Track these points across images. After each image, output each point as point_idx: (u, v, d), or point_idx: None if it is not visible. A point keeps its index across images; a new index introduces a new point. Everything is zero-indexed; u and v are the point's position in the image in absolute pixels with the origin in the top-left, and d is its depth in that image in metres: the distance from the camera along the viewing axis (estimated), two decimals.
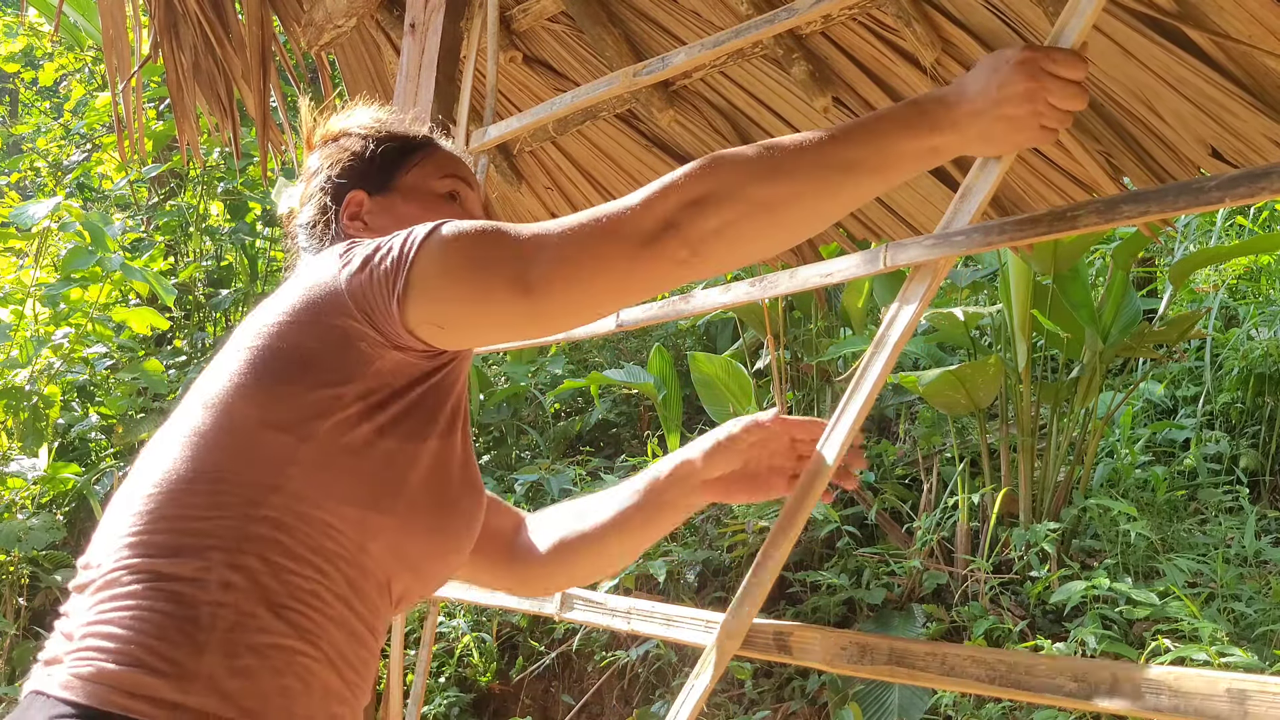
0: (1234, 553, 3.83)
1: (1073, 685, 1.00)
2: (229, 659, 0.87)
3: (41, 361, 5.49)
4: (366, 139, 1.28)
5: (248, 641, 0.89)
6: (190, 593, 0.88)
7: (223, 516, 0.91)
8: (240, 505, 0.91)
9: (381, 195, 1.25)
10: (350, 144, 1.29)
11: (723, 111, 2.53)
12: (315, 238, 1.26)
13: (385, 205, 1.24)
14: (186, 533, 0.91)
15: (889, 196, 2.47)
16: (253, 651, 0.89)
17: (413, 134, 1.31)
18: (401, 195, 1.25)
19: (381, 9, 2.63)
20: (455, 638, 4.42)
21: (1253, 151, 1.93)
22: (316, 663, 0.93)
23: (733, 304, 1.54)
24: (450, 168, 1.29)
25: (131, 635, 0.87)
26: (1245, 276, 5.20)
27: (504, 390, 6.45)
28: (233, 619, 0.89)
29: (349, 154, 1.28)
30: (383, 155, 1.27)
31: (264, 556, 0.91)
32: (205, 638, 0.87)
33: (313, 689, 0.93)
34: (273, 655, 0.90)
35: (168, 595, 0.88)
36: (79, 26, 7.42)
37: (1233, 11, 1.68)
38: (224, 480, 0.92)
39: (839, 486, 1.24)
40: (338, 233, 1.24)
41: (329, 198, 1.26)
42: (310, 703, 0.93)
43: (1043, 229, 1.15)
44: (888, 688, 3.55)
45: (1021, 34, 1.96)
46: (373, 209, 1.25)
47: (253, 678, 0.88)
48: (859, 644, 1.19)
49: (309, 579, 0.93)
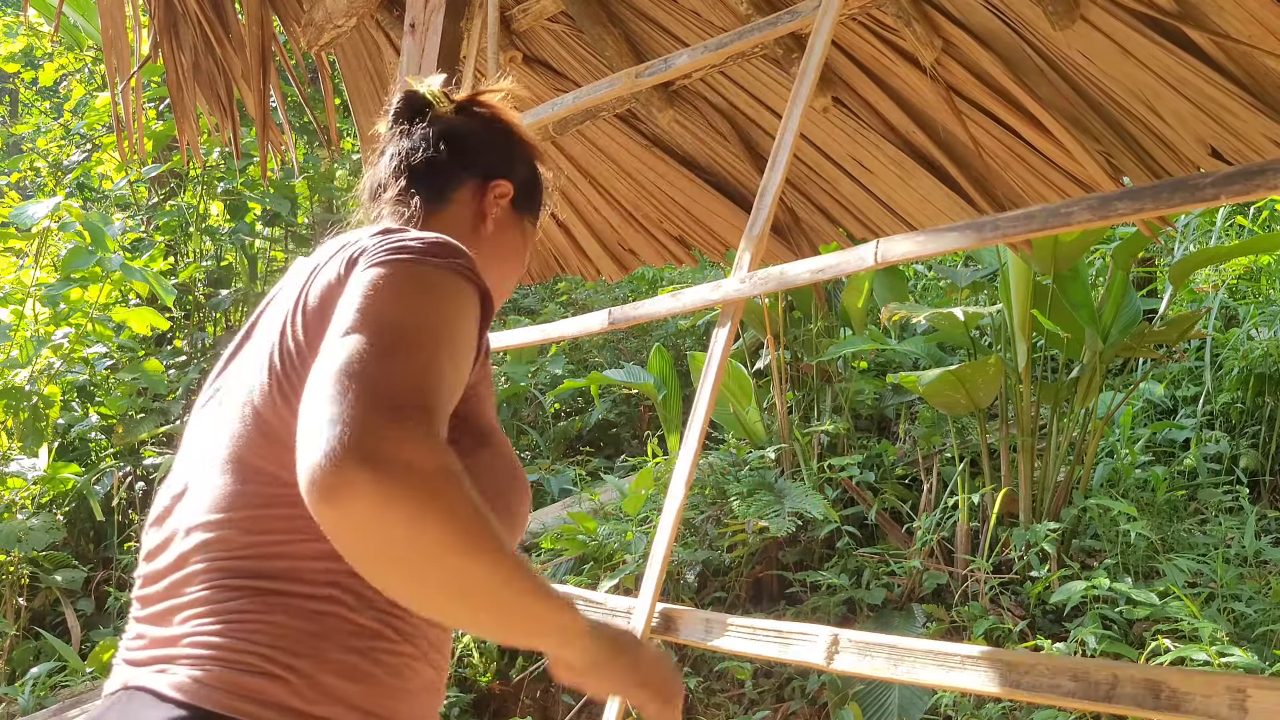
0: (1234, 553, 3.83)
1: (1073, 685, 1.00)
2: (345, 665, 0.89)
3: (41, 361, 5.49)
4: (545, 168, 1.34)
5: (360, 646, 0.91)
6: (299, 604, 0.90)
7: (308, 539, 0.91)
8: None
9: (521, 212, 1.31)
10: (537, 150, 1.34)
11: (722, 111, 2.53)
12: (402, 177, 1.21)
13: (510, 222, 1.29)
14: (279, 549, 0.92)
15: (888, 195, 2.48)
16: (364, 656, 0.91)
17: (544, 200, 1.36)
18: (522, 229, 1.30)
19: (381, 9, 2.63)
20: (454, 638, 4.42)
21: (1252, 151, 1.93)
22: (417, 661, 0.96)
23: (723, 300, 1.54)
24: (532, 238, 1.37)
25: (247, 644, 0.88)
26: (1245, 276, 5.20)
27: (504, 390, 6.45)
28: (344, 627, 0.91)
29: (522, 153, 1.32)
30: (536, 186, 1.33)
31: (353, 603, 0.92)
32: (322, 645, 0.89)
33: (416, 687, 0.96)
34: (383, 659, 0.92)
35: (279, 607, 0.90)
36: (79, 26, 7.43)
37: (1233, 11, 1.68)
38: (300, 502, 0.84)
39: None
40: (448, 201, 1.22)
41: (486, 163, 1.27)
42: (416, 700, 0.95)
43: (1037, 225, 1.15)
44: (888, 688, 3.55)
45: (1021, 34, 1.96)
46: (505, 215, 1.28)
47: (368, 682, 0.91)
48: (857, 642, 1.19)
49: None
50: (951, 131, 2.23)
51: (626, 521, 4.50)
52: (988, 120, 2.18)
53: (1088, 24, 1.86)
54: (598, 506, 4.80)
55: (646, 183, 2.84)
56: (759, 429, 5.03)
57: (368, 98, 3.04)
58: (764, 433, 5.01)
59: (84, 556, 5.58)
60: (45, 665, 4.58)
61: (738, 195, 2.73)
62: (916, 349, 4.97)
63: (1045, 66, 2.01)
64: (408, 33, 2.32)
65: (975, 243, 1.20)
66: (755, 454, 4.64)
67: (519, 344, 2.03)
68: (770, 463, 4.64)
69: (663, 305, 1.60)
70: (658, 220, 2.93)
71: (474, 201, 1.26)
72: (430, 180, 1.23)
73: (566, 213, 3.04)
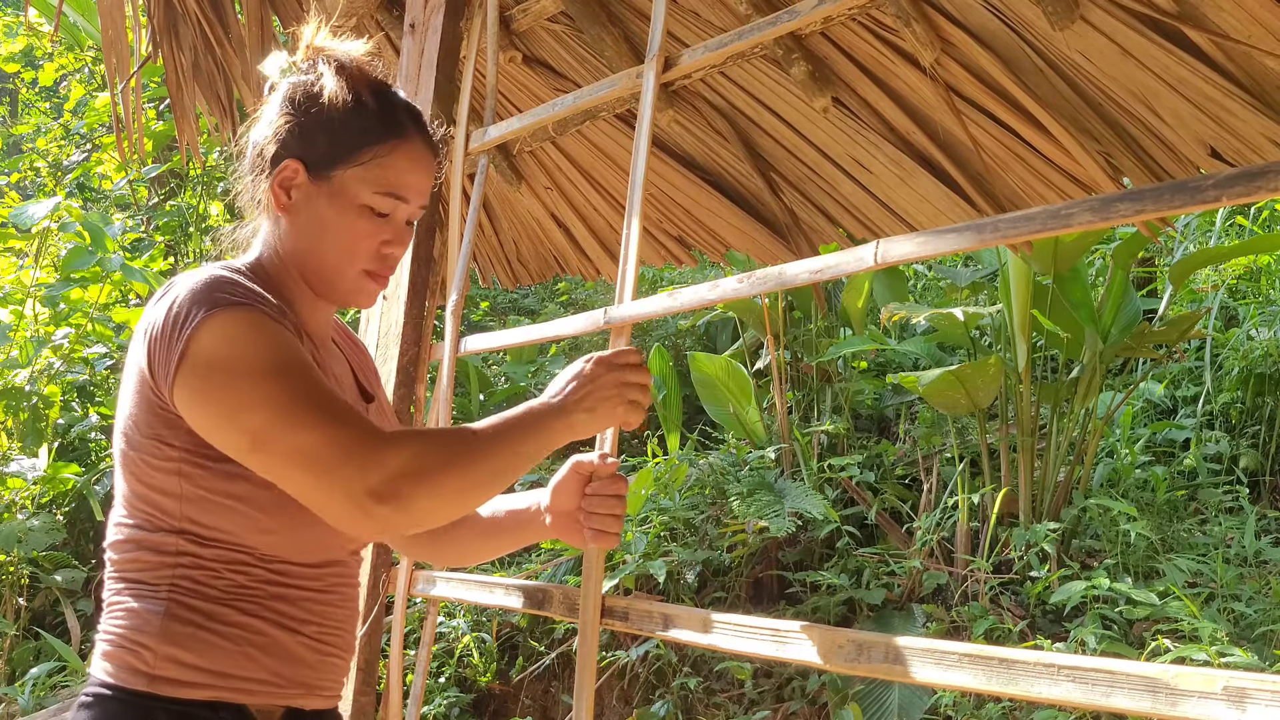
0: (1234, 553, 3.83)
1: (1072, 685, 1.00)
2: (184, 636, 1.15)
3: (41, 361, 5.49)
4: (336, 94, 1.21)
5: (198, 621, 1.16)
6: (151, 598, 1.17)
7: (152, 553, 1.18)
8: (164, 528, 1.17)
9: (316, 178, 1.22)
10: (316, 86, 1.22)
11: (722, 111, 2.53)
12: (249, 179, 1.28)
13: (314, 193, 1.23)
14: (136, 563, 1.18)
15: (887, 196, 2.48)
16: (201, 628, 1.16)
17: (386, 120, 1.24)
18: (329, 193, 1.22)
19: (381, 9, 2.63)
20: (455, 638, 4.42)
21: (1252, 151, 1.93)
22: (269, 629, 1.19)
23: (720, 300, 1.53)
24: (395, 184, 1.23)
25: (118, 628, 1.18)
26: (1245, 276, 5.20)
27: (504, 390, 6.45)
28: (183, 613, 1.16)
29: (307, 100, 1.22)
30: (338, 129, 1.22)
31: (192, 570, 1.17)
32: (166, 624, 1.15)
33: (264, 650, 1.19)
34: (223, 629, 1.17)
35: (138, 601, 1.17)
36: (79, 26, 7.42)
37: (1232, 11, 1.68)
38: (148, 517, 1.18)
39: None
40: (266, 194, 1.25)
41: (272, 144, 1.24)
42: (264, 660, 1.18)
43: (1037, 227, 1.15)
44: (888, 688, 3.55)
45: (1021, 34, 1.96)
46: (303, 191, 1.23)
47: (206, 649, 1.16)
48: (855, 641, 1.19)
49: (233, 578, 1.18)
50: (951, 132, 2.23)
51: (626, 521, 4.50)
52: (988, 120, 2.18)
53: (1087, 24, 1.86)
54: None
55: (646, 183, 2.83)
56: (759, 429, 5.03)
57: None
58: (764, 433, 5.01)
59: (84, 556, 5.58)
60: (45, 665, 4.59)
61: (738, 195, 2.73)
62: (916, 349, 4.97)
63: (1045, 67, 2.01)
64: (407, 33, 2.32)
65: (975, 244, 1.20)
66: (755, 454, 4.64)
67: (518, 344, 2.04)
68: (770, 463, 4.64)
69: (659, 304, 1.60)
70: (658, 220, 2.93)
71: (272, 198, 1.25)
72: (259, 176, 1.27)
73: (566, 213, 3.04)
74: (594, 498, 1.36)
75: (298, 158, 1.22)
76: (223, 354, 1.09)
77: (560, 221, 3.10)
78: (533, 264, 3.33)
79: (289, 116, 1.23)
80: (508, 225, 3.27)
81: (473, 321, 7.42)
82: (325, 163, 1.22)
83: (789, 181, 2.62)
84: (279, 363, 1.10)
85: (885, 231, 2.56)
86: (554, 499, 1.40)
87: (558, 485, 1.39)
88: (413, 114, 1.28)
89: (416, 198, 1.26)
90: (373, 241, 1.24)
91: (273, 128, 1.24)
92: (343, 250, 1.23)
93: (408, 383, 2.11)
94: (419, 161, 1.25)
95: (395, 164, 1.23)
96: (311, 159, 1.22)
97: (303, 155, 1.22)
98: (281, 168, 1.22)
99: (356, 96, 1.23)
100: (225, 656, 1.16)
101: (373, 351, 2.16)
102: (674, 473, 4.58)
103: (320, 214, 1.22)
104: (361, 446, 1.07)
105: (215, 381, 1.09)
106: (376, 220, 1.23)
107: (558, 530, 1.41)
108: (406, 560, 2.01)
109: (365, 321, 2.21)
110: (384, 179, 1.22)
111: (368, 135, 1.22)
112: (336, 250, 1.23)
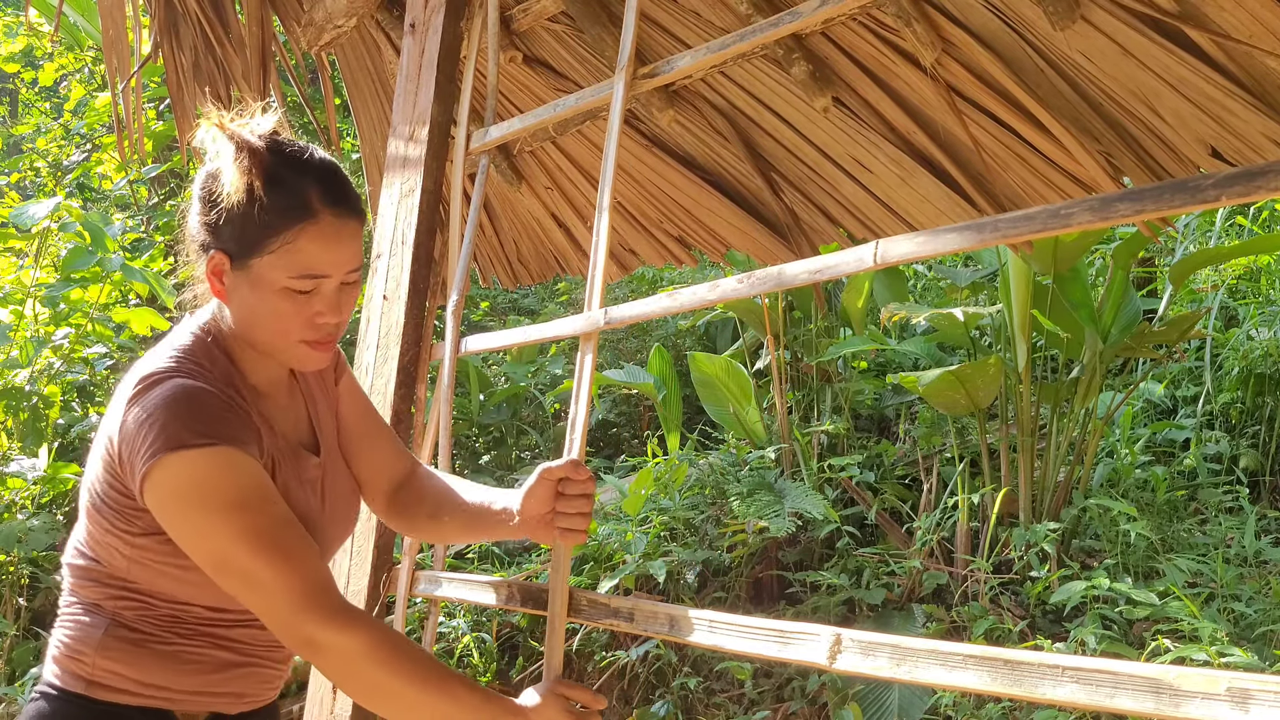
0: (1234, 553, 3.83)
1: (1073, 685, 1.00)
2: (121, 651, 1.30)
3: (41, 361, 5.48)
4: (237, 186, 1.22)
5: (135, 639, 1.30)
6: (96, 616, 1.32)
7: (98, 586, 1.32)
8: (113, 574, 1.31)
9: (237, 267, 1.27)
10: (218, 179, 1.24)
11: (722, 111, 2.53)
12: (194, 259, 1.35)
13: (239, 280, 1.28)
14: (90, 574, 1.33)
15: (888, 196, 2.48)
16: (138, 646, 1.30)
17: (289, 204, 1.23)
18: (250, 281, 1.26)
19: (381, 9, 2.62)
20: (455, 638, 4.41)
21: (1253, 151, 1.93)
22: (204, 649, 1.33)
23: (720, 300, 1.53)
24: (308, 266, 1.24)
25: (65, 638, 1.33)
26: (1245, 276, 5.20)
27: (504, 390, 6.44)
28: (120, 631, 1.30)
29: (213, 195, 1.25)
30: (244, 221, 1.24)
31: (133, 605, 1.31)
32: (104, 639, 1.30)
33: (200, 666, 1.33)
34: (159, 648, 1.31)
35: (85, 617, 1.32)
36: (79, 26, 7.41)
37: (1233, 11, 1.68)
38: (98, 560, 1.32)
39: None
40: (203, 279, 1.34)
41: (201, 234, 1.30)
42: (198, 675, 1.32)
43: (1037, 226, 1.14)
44: (888, 688, 3.55)
45: (1021, 34, 1.96)
46: (231, 280, 1.29)
47: (141, 663, 1.30)
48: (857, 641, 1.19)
49: (171, 616, 1.32)
50: (952, 131, 2.23)
51: (626, 521, 4.50)
52: (988, 120, 2.18)
53: (1088, 24, 1.86)
54: (598, 507, 4.80)
55: (646, 183, 2.84)
56: (759, 429, 5.03)
57: (368, 98, 3.04)
58: (764, 433, 5.01)
59: None
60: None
61: (738, 195, 2.73)
62: (916, 349, 4.96)
63: (1045, 66, 2.01)
64: (408, 33, 2.32)
65: (975, 243, 1.20)
66: (755, 454, 4.64)
67: (518, 344, 2.04)
68: (770, 463, 4.64)
69: (657, 305, 1.60)
70: (658, 220, 2.93)
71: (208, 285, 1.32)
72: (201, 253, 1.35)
73: (566, 213, 3.04)
74: (565, 498, 1.43)
75: (220, 249, 1.27)
76: (183, 491, 1.21)
77: (560, 221, 3.10)
78: (533, 264, 3.33)
79: (202, 212, 1.29)
80: (508, 225, 3.27)
81: (473, 321, 7.42)
82: (241, 253, 1.26)
83: (789, 181, 2.62)
84: (239, 500, 1.22)
85: (886, 231, 2.56)
86: (525, 504, 1.45)
87: (529, 492, 1.44)
88: (323, 184, 1.26)
89: (337, 269, 1.27)
90: (300, 318, 1.28)
91: (196, 220, 1.31)
92: (274, 329, 1.29)
93: (408, 383, 2.11)
94: (330, 237, 1.25)
95: (304, 247, 1.24)
96: (230, 250, 1.27)
97: (223, 247, 1.27)
98: (210, 258, 1.28)
99: (254, 186, 1.23)
100: (157, 671, 1.31)
101: (373, 351, 2.16)
102: (674, 473, 4.58)
103: (247, 299, 1.28)
104: (307, 598, 1.21)
105: (178, 512, 1.22)
106: (301, 298, 1.27)
107: (526, 531, 1.47)
108: (407, 561, 2.01)
109: (366, 322, 2.21)
110: (296, 263, 1.25)
111: (271, 225, 1.24)
112: (268, 330, 1.30)
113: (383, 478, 1.59)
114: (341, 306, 1.30)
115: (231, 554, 1.21)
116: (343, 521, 1.49)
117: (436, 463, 2.07)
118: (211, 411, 1.24)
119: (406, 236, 2.15)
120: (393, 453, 1.61)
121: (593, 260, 1.67)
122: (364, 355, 2.18)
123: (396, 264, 2.16)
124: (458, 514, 1.54)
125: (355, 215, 1.28)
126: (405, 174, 2.21)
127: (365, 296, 2.24)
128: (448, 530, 1.59)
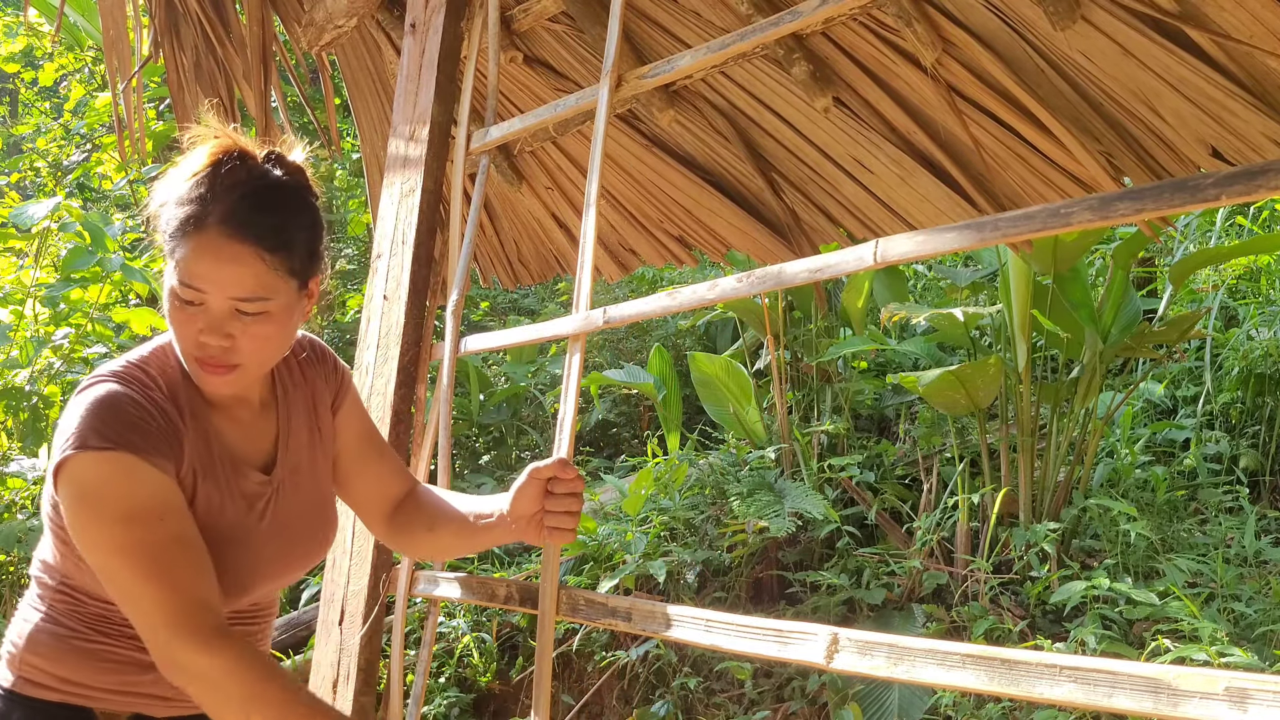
0: (1234, 553, 3.83)
1: (1073, 685, 1.00)
2: (47, 647, 1.36)
3: (41, 361, 5.48)
4: (162, 197, 1.32)
5: (62, 635, 1.36)
6: (32, 616, 1.39)
7: (52, 587, 1.39)
8: (53, 570, 1.39)
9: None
10: (175, 186, 1.32)
11: (723, 111, 2.53)
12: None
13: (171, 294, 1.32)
14: (41, 570, 1.41)
15: (888, 195, 2.48)
16: (63, 642, 1.35)
17: (188, 213, 1.28)
18: (165, 288, 1.32)
19: (382, 9, 2.63)
20: (455, 638, 4.42)
21: (1253, 151, 1.93)
22: (123, 649, 1.36)
23: (719, 299, 1.53)
24: (185, 274, 1.27)
25: (8, 636, 1.40)
26: (1245, 276, 5.20)
27: (504, 390, 6.44)
28: (49, 628, 1.37)
29: (167, 200, 1.32)
30: (165, 226, 1.31)
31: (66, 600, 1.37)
32: (34, 636, 1.37)
33: (118, 663, 1.36)
34: (82, 645, 1.36)
35: (24, 616, 1.40)
36: (79, 26, 7.42)
37: (1233, 11, 1.68)
38: (46, 558, 1.40)
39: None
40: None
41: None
42: (116, 672, 1.36)
43: (1037, 226, 1.14)
44: (888, 688, 3.55)
45: (1021, 34, 1.96)
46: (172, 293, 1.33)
47: (64, 658, 1.35)
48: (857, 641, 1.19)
49: (98, 613, 1.36)
50: (952, 131, 2.23)
51: (626, 521, 4.50)
52: (988, 120, 2.18)
53: (1088, 24, 1.86)
54: (598, 507, 4.80)
55: (646, 183, 2.84)
56: (759, 429, 5.03)
57: (368, 98, 3.04)
58: (764, 433, 5.01)
59: None
60: None
61: (738, 195, 2.73)
62: (916, 349, 4.96)
63: (1046, 66, 2.01)
64: (408, 33, 2.32)
65: (975, 243, 1.20)
66: (755, 454, 4.64)
67: (518, 344, 2.04)
68: (770, 463, 4.64)
69: (656, 304, 1.60)
70: (658, 220, 2.93)
71: None
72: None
73: (567, 213, 3.04)
74: (554, 497, 1.45)
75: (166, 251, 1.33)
76: (79, 493, 1.25)
77: (561, 221, 3.10)
78: (533, 264, 3.33)
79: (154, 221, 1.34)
80: (508, 225, 3.27)
81: (473, 321, 7.42)
82: (168, 257, 1.32)
83: (790, 181, 2.62)
84: (128, 511, 1.24)
85: (886, 231, 2.56)
86: (515, 505, 1.47)
87: (518, 493, 1.46)
88: (234, 204, 1.27)
89: (215, 289, 1.27)
90: (185, 330, 1.31)
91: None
92: (175, 338, 1.34)
93: (408, 383, 2.11)
94: (210, 253, 1.26)
95: (186, 256, 1.28)
96: (166, 252, 1.32)
97: (165, 248, 1.33)
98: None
99: (171, 196, 1.31)
100: (78, 668, 1.35)
101: (373, 351, 2.16)
102: (674, 473, 4.58)
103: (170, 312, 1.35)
104: (179, 617, 1.22)
105: (73, 513, 1.26)
106: (186, 310, 1.29)
107: (518, 531, 1.48)
108: (407, 561, 2.01)
109: (366, 322, 2.21)
110: (180, 270, 1.29)
111: (173, 231, 1.30)
112: (174, 338, 1.35)
113: (382, 499, 1.63)
114: (229, 332, 1.28)
115: (113, 565, 1.24)
116: (295, 541, 1.47)
117: (436, 463, 2.07)
118: (124, 418, 1.26)
119: (407, 236, 2.15)
120: (391, 474, 1.64)
121: (580, 262, 1.67)
122: (364, 355, 2.18)
123: (397, 264, 2.16)
124: (451, 523, 1.56)
125: (251, 241, 1.27)
126: (406, 174, 2.21)
127: (366, 296, 2.24)
128: (444, 540, 1.60)
